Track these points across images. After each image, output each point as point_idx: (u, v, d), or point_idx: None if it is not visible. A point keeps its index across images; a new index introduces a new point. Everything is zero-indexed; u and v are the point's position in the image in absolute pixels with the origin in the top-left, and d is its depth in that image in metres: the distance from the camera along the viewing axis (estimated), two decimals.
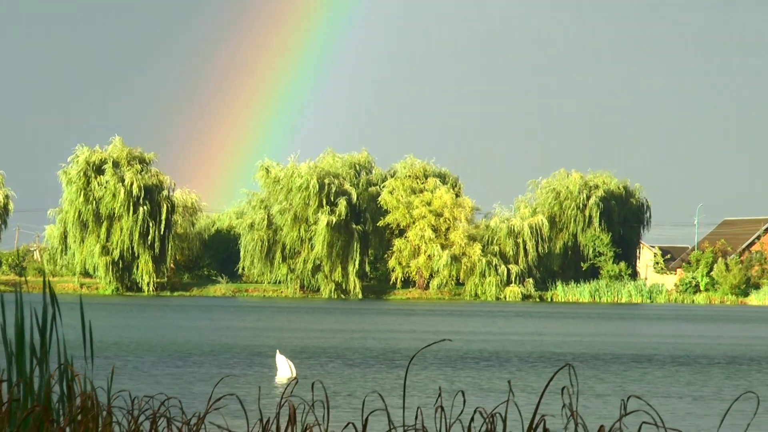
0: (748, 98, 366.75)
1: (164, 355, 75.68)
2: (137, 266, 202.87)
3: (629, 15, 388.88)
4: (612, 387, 58.68)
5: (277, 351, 63.69)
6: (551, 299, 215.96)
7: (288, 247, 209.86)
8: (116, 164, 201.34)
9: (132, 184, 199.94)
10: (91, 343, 16.43)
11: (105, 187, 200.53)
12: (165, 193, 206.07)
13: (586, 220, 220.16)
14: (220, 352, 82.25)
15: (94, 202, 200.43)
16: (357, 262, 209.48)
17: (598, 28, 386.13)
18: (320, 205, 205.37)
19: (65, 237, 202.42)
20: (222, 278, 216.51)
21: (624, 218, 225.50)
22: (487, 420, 12.83)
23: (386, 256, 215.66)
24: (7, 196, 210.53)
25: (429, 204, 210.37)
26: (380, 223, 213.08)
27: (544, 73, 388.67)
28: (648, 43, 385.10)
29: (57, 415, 15.79)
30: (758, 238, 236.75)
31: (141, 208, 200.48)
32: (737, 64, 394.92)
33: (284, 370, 61.21)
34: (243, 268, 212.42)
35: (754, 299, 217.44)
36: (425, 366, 69.70)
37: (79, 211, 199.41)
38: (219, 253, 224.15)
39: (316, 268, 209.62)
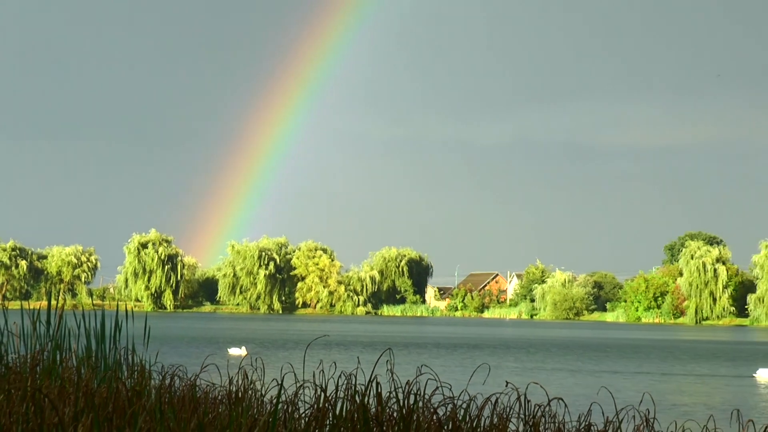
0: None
1: (182, 342, 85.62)
2: (164, 297, 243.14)
3: None
4: (413, 361, 59.84)
5: (242, 347, 72.99)
6: (381, 314, 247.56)
7: (243, 286, 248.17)
8: (156, 243, 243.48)
9: (161, 255, 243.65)
10: (146, 335, 19.28)
11: (148, 256, 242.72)
12: (179, 258, 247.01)
13: (400, 273, 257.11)
14: (207, 340, 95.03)
15: (142, 264, 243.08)
16: (279, 295, 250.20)
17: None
18: (260, 265, 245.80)
19: (126, 281, 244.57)
20: (208, 303, 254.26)
21: (418, 272, 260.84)
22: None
23: (294, 291, 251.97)
24: (96, 260, 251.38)
25: (317, 264, 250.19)
26: (291, 273, 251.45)
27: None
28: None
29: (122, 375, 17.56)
30: (488, 283, 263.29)
31: (166, 266, 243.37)
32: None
33: (239, 351, 70.56)
34: (219, 298, 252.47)
35: (486, 314, 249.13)
36: (323, 347, 79.82)
37: (134, 268, 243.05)
38: (207, 289, 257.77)
39: (258, 297, 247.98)
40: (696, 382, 65.67)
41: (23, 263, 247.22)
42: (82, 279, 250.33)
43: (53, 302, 20.00)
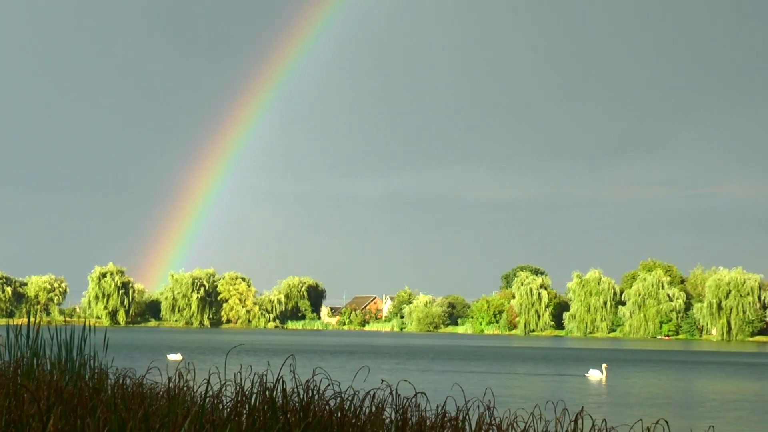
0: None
1: (132, 350, 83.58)
2: (118, 314, 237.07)
3: None
4: (310, 364, 43.61)
5: (179, 354, 69.72)
6: (286, 328, 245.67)
7: (180, 306, 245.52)
8: (113, 273, 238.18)
9: (117, 282, 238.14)
10: (105, 344, 19.10)
11: (106, 283, 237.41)
12: (130, 285, 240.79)
13: (301, 296, 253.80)
14: (151, 348, 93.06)
15: (101, 290, 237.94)
16: (208, 313, 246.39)
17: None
18: (193, 290, 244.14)
19: (89, 303, 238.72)
20: (153, 319, 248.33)
21: (315, 295, 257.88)
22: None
23: (220, 310, 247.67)
24: (66, 286, 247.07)
25: (237, 290, 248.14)
26: (218, 297, 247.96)
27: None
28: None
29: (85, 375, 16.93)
30: (368, 304, 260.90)
31: (120, 291, 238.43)
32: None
33: (176, 356, 67.53)
34: (162, 315, 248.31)
35: (367, 328, 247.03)
36: (241, 354, 78.62)
37: (96, 292, 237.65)
38: (152, 309, 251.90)
39: (191, 315, 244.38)
40: (530, 380, 65.14)
41: (8, 289, 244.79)
42: (55, 301, 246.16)
43: (32, 319, 20.12)
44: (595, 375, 67.67)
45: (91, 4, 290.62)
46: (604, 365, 68.97)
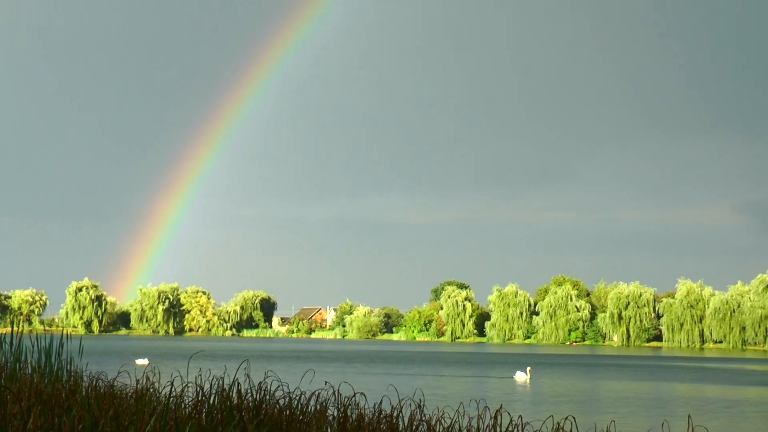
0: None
1: (104, 356, 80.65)
2: (93, 324, 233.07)
3: None
4: (263, 368, 48.45)
5: (146, 359, 69.89)
6: (242, 336, 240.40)
7: (148, 317, 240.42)
8: (88, 288, 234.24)
9: (92, 295, 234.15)
10: (80, 351, 18.84)
11: (82, 296, 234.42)
12: (103, 298, 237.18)
13: (255, 307, 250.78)
14: (121, 354, 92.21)
15: (78, 302, 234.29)
16: (172, 322, 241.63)
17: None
18: (159, 302, 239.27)
19: (67, 314, 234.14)
20: (123, 328, 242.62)
21: (267, 307, 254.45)
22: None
23: (183, 320, 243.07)
24: (46, 299, 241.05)
25: (198, 302, 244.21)
26: (181, 308, 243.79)
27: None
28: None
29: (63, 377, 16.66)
30: (314, 314, 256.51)
31: (94, 303, 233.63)
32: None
33: (143, 361, 67.36)
34: (131, 325, 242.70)
35: (313, 335, 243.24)
36: (201, 359, 71.45)
37: (72, 305, 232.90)
38: (123, 319, 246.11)
39: (158, 324, 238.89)
40: (458, 382, 64.67)
41: None
42: (36, 312, 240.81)
43: (15, 329, 19.99)
44: (521, 377, 67.57)
45: (62, 41, 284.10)
46: (528, 368, 69.00)
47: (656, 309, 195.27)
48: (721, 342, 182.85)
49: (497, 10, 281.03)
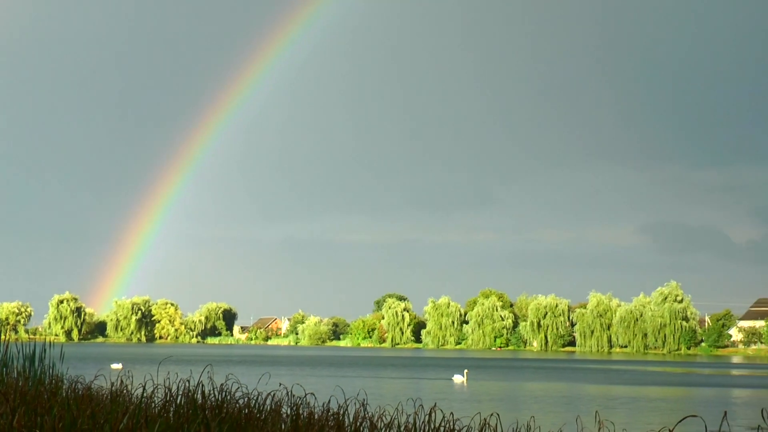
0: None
1: (83, 361, 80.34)
2: (73, 333, 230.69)
3: None
4: (224, 371, 53.31)
5: (120, 363, 67.43)
6: (206, 343, 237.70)
7: (122, 326, 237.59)
8: (69, 300, 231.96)
9: (72, 307, 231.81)
10: (61, 357, 18.52)
11: (63, 308, 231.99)
12: (82, 309, 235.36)
13: (218, 317, 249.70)
14: (98, 359, 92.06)
15: (60, 313, 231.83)
16: (144, 331, 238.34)
17: None
18: (132, 313, 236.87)
19: (49, 324, 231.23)
20: (100, 337, 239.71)
21: (229, 317, 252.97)
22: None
23: (153, 329, 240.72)
24: (31, 310, 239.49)
25: (167, 312, 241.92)
26: (152, 318, 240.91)
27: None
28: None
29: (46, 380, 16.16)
30: (271, 323, 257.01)
31: (74, 314, 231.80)
32: None
33: (118, 365, 64.83)
34: (107, 334, 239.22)
35: (269, 342, 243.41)
36: (169, 363, 67.23)
37: (55, 315, 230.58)
38: (100, 328, 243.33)
39: (131, 333, 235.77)
40: (400, 383, 64.31)
41: None
42: (21, 322, 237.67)
43: (2, 337, 19.78)
44: (459, 378, 67.15)
45: (34, 74, 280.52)
46: (465, 371, 68.66)
47: (570, 318, 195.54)
48: (626, 346, 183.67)
49: (413, 50, 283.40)
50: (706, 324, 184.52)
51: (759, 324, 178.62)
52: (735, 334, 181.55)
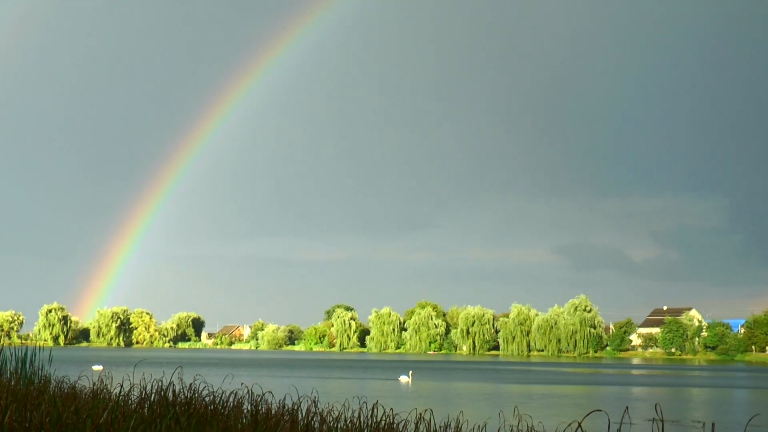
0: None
1: (68, 363, 74.39)
2: (60, 339, 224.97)
3: None
4: (193, 372, 50.56)
5: (101, 365, 66.97)
6: (178, 347, 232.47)
7: (103, 332, 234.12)
8: (56, 309, 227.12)
9: (59, 316, 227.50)
10: (50, 360, 18.26)
11: (52, 316, 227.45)
12: (69, 317, 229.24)
13: (188, 324, 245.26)
14: (80, 361, 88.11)
15: (48, 321, 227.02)
16: (123, 337, 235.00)
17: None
18: (113, 321, 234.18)
19: (39, 330, 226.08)
20: (84, 342, 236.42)
21: (198, 324, 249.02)
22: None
23: (131, 335, 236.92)
24: (23, 319, 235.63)
25: (143, 320, 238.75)
26: (130, 326, 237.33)
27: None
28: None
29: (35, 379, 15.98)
30: (234, 330, 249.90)
31: (61, 322, 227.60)
32: None
33: (99, 367, 64.21)
34: (91, 339, 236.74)
35: (233, 347, 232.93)
36: (144, 365, 64.39)
37: (44, 323, 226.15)
38: (84, 334, 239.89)
39: (111, 338, 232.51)
40: (348, 383, 63.70)
41: None
42: (14, 329, 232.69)
43: None
44: (404, 378, 66.59)
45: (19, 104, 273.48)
46: (410, 372, 68.06)
47: (495, 326, 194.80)
48: (543, 350, 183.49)
49: (364, 72, 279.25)
50: (611, 331, 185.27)
51: (655, 330, 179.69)
52: (635, 339, 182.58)
